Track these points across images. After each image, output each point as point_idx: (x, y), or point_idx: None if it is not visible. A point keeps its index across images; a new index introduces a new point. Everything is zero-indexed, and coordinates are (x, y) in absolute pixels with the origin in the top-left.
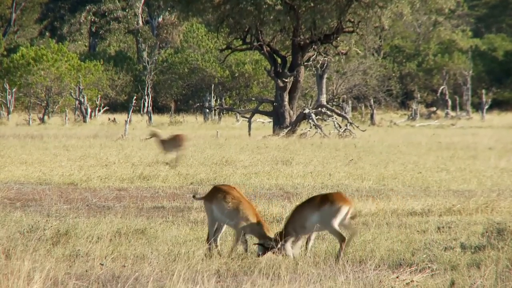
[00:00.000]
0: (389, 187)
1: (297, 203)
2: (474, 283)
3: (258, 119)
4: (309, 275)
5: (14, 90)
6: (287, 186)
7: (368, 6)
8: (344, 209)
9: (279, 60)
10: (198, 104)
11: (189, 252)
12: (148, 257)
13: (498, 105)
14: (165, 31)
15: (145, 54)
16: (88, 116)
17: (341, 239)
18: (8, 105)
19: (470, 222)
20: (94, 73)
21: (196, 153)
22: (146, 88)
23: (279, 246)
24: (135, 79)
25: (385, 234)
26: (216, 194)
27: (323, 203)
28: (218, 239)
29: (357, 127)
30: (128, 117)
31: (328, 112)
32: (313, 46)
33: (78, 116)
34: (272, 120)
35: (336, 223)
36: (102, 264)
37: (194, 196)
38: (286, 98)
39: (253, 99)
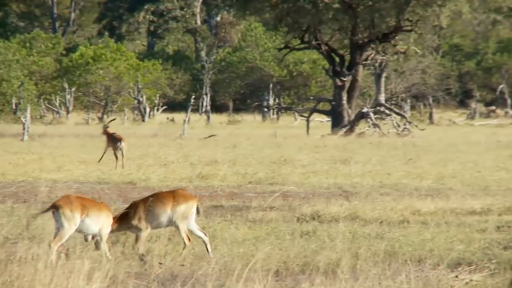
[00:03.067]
0: (448, 186)
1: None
2: None
3: (316, 118)
4: (368, 274)
5: (73, 89)
6: (346, 185)
7: (427, 4)
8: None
9: (337, 59)
10: (256, 103)
11: (248, 251)
12: (207, 256)
13: None
14: (223, 30)
15: (203, 53)
16: (147, 115)
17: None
18: (68, 105)
19: None
20: (152, 72)
21: (254, 152)
22: (204, 87)
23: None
24: (193, 78)
25: (444, 233)
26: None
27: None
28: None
29: (416, 126)
30: (186, 116)
31: (387, 111)
32: (372, 45)
33: (136, 115)
34: (330, 119)
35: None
36: (161, 263)
37: None
38: (345, 97)
39: (311, 98)
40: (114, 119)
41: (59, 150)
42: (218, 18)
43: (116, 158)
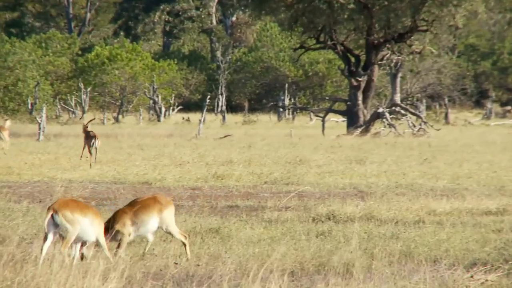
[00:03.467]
0: (464, 186)
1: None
2: None
3: (332, 118)
4: (383, 274)
5: (88, 89)
6: (361, 186)
7: (443, 4)
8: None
9: (352, 59)
10: (272, 103)
11: (263, 251)
12: (222, 256)
13: None
14: (239, 30)
15: (218, 53)
16: (162, 115)
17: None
18: (83, 105)
19: None
20: (168, 72)
21: (270, 152)
22: (219, 87)
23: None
24: (209, 78)
25: (460, 233)
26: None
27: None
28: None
29: (432, 126)
30: (202, 116)
31: (402, 111)
32: (387, 45)
33: (152, 115)
34: (345, 119)
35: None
36: (177, 263)
37: None
38: (360, 97)
39: (327, 98)
40: (93, 119)
41: (74, 150)
42: (234, 18)
43: (90, 154)
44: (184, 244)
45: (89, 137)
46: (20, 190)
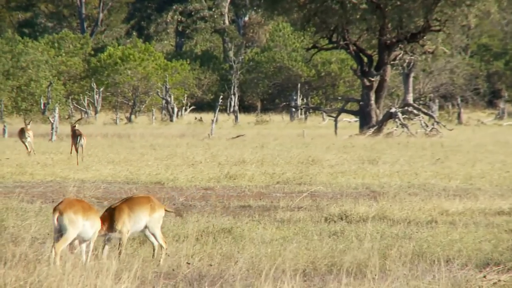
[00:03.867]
0: (477, 186)
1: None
2: None
3: (344, 118)
4: (396, 274)
5: (101, 89)
6: (374, 186)
7: (455, 4)
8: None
9: (365, 59)
10: (284, 103)
11: (276, 251)
12: (235, 256)
13: None
14: (251, 30)
15: (231, 53)
16: (175, 115)
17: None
18: (96, 105)
19: None
20: (180, 72)
21: (282, 152)
22: (232, 87)
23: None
24: (221, 78)
25: (473, 233)
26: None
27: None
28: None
29: (444, 126)
30: (214, 117)
31: (415, 111)
32: (400, 45)
33: (164, 115)
34: (358, 119)
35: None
36: (189, 263)
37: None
38: (373, 97)
39: (339, 98)
40: (80, 119)
41: (87, 150)
42: (246, 18)
43: (77, 151)
44: (160, 248)
45: (75, 136)
46: (33, 190)
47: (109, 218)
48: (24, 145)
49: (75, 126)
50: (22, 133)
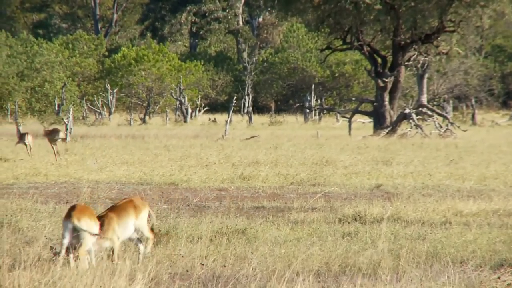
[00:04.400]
0: (491, 187)
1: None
2: None
3: (359, 119)
4: (409, 275)
5: (115, 90)
6: (388, 186)
7: (470, 5)
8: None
9: (379, 60)
10: (298, 104)
11: (290, 252)
12: (249, 257)
13: None
14: (265, 31)
15: (245, 54)
16: (189, 116)
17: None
18: (110, 106)
19: None
20: (194, 73)
21: (296, 153)
22: (246, 88)
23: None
24: (235, 79)
25: (487, 234)
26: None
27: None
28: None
29: (458, 127)
30: (228, 117)
31: (429, 112)
32: (414, 46)
33: (178, 116)
34: (372, 120)
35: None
36: (203, 264)
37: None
38: (387, 98)
39: (353, 99)
40: (54, 123)
41: (101, 151)
42: (260, 19)
43: (53, 149)
44: (147, 240)
45: (51, 133)
46: (47, 191)
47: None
48: (52, 147)
49: (47, 129)
50: (52, 133)
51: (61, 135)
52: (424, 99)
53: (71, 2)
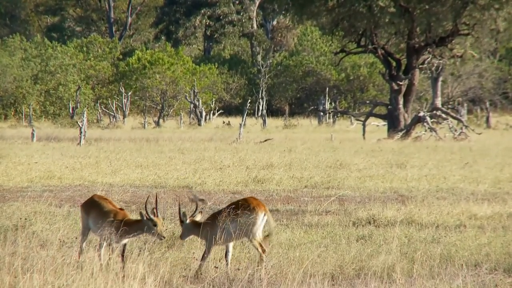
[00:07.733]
0: (505, 190)
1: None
2: None
3: (373, 122)
4: (424, 278)
5: (129, 93)
6: (402, 189)
7: (484, 8)
8: None
9: (393, 63)
10: (312, 107)
11: (304, 255)
12: (263, 260)
13: None
14: (280, 34)
15: (259, 57)
16: (203, 119)
17: None
18: (124, 109)
19: None
20: (208, 76)
21: (310, 156)
22: (260, 91)
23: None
24: (249, 82)
25: (501, 237)
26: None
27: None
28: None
29: (473, 130)
30: (242, 120)
31: (443, 115)
32: (428, 49)
33: (193, 119)
34: (386, 123)
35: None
36: (217, 267)
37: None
38: (401, 101)
39: (367, 102)
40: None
41: (115, 154)
42: (275, 22)
43: None
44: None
45: None
46: (61, 194)
47: None
48: None
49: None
50: None
51: None
52: (439, 102)
53: (85, 5)
